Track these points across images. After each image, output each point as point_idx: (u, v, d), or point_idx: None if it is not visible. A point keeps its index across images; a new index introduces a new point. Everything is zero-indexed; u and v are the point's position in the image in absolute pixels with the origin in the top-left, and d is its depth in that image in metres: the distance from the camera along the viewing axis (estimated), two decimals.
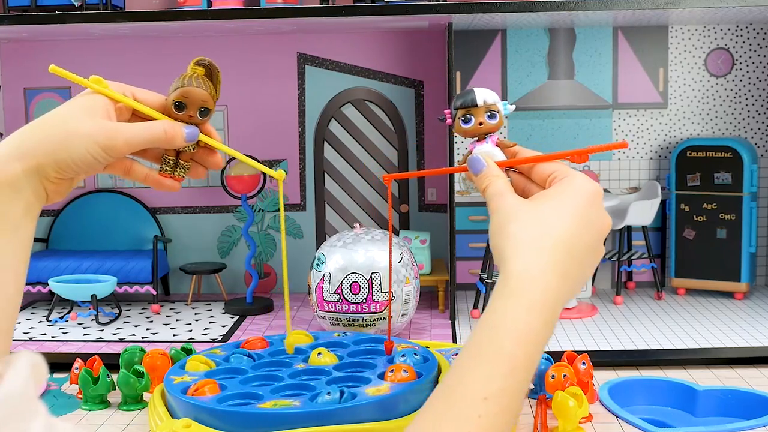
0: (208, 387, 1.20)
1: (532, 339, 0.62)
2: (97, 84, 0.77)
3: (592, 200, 0.67)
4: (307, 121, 2.18)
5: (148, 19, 1.77)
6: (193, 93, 0.80)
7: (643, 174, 2.16)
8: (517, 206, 0.67)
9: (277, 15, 1.75)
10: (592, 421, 1.32)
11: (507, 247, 0.64)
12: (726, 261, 2.03)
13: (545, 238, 0.64)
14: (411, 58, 2.15)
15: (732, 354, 1.61)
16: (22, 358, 0.42)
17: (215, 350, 1.41)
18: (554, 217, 0.66)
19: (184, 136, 0.79)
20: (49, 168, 0.71)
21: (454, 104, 0.79)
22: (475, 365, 0.60)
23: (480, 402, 0.58)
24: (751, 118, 2.13)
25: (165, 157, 0.81)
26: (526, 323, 0.61)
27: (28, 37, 2.05)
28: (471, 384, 0.59)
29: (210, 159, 0.84)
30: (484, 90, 0.79)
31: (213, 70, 0.83)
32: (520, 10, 1.70)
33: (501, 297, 0.63)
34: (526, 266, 0.63)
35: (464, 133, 0.79)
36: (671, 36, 2.11)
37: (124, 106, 0.78)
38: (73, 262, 2.04)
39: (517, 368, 0.60)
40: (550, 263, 0.64)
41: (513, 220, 0.66)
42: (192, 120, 0.80)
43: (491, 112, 0.79)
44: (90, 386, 1.42)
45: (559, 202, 0.67)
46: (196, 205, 2.21)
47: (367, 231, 1.76)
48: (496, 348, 0.60)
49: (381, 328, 1.70)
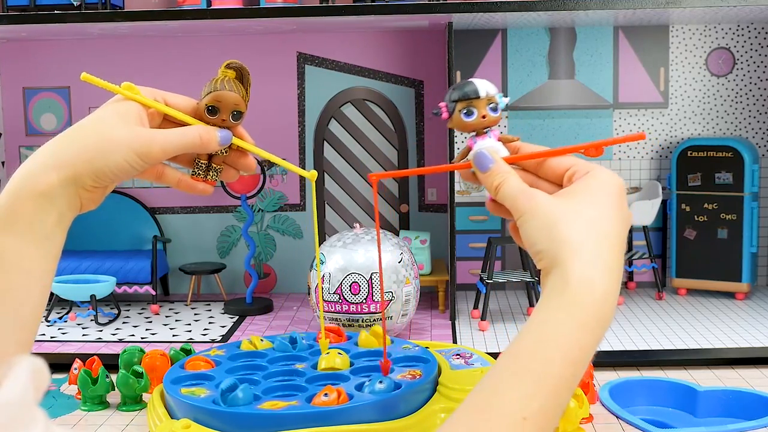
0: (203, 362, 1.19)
1: (582, 357, 0.58)
2: (129, 90, 0.77)
3: (623, 194, 0.64)
4: (307, 120, 2.17)
5: (147, 19, 1.76)
6: (225, 97, 0.79)
7: (644, 174, 2.15)
8: (558, 205, 0.63)
9: (276, 14, 1.75)
10: (593, 422, 1.31)
11: (562, 251, 0.59)
12: (727, 261, 2.02)
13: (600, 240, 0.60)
14: (411, 58, 2.15)
15: (733, 354, 1.61)
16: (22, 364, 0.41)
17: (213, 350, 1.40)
18: (599, 215, 0.62)
19: (218, 140, 0.78)
20: (85, 177, 0.71)
21: (452, 96, 0.74)
22: (517, 382, 0.56)
23: (519, 423, 0.54)
24: (752, 118, 2.12)
25: (197, 161, 0.81)
26: (578, 340, 0.57)
27: (27, 36, 2.05)
28: (509, 401, 0.55)
29: (242, 161, 0.83)
30: (483, 81, 0.74)
31: (243, 72, 0.82)
32: (521, 9, 1.70)
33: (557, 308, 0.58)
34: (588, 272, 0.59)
35: (465, 128, 0.74)
36: (672, 35, 2.11)
37: (155, 111, 0.78)
38: (72, 262, 2.03)
39: (561, 389, 0.56)
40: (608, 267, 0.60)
41: (561, 221, 0.61)
42: (225, 124, 0.80)
43: (493, 104, 0.74)
44: (89, 387, 1.41)
45: (599, 199, 0.63)
46: (196, 205, 2.20)
47: (367, 231, 1.76)
48: (541, 366, 0.56)
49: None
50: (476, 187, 0.71)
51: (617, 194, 0.63)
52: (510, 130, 2.13)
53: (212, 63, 2.18)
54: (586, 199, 0.63)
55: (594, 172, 0.65)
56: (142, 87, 0.78)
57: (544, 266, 0.61)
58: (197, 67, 2.15)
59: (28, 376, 0.40)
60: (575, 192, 0.64)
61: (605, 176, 0.64)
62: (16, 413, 0.39)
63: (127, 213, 2.18)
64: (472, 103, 0.73)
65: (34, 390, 0.41)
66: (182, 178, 0.81)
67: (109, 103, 0.76)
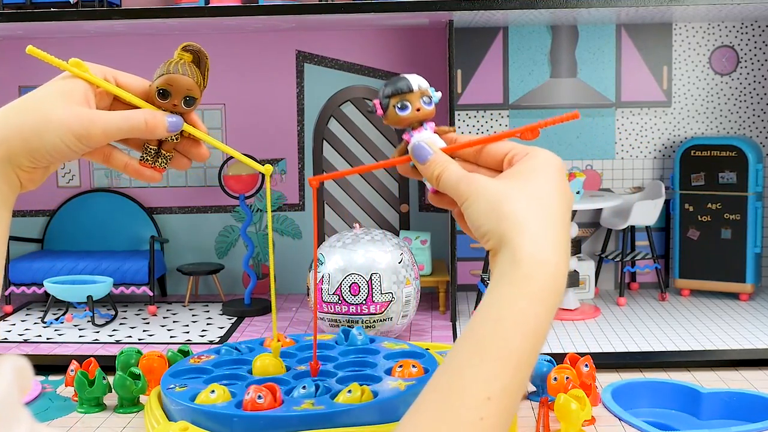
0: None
1: (540, 330, 0.58)
2: (76, 67, 0.73)
3: (563, 172, 0.64)
4: (306, 119, 2.16)
5: (144, 17, 1.75)
6: (178, 80, 0.75)
7: (647, 173, 2.14)
8: (500, 185, 0.63)
9: (275, 12, 1.74)
10: (595, 424, 1.30)
11: (509, 229, 0.59)
12: (731, 262, 2.01)
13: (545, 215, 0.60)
14: (411, 56, 2.13)
15: (737, 356, 1.60)
16: (5, 363, 0.41)
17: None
18: (542, 193, 0.62)
19: (166, 126, 0.75)
20: (21, 156, 0.68)
21: (385, 92, 0.75)
22: (478, 362, 0.56)
23: (483, 403, 0.54)
24: (756, 117, 2.11)
25: (146, 146, 0.77)
26: (535, 314, 0.57)
27: (23, 34, 2.04)
28: (472, 383, 0.55)
29: (194, 150, 0.80)
30: (415, 76, 0.75)
31: (201, 56, 0.78)
32: (522, 7, 1.69)
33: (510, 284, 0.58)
34: (537, 247, 0.59)
35: (401, 122, 0.75)
36: (675, 33, 2.09)
37: (105, 91, 0.75)
38: (69, 262, 2.02)
39: (522, 364, 0.56)
40: (555, 241, 0.60)
41: (505, 200, 0.61)
42: (176, 109, 0.76)
43: (426, 98, 0.75)
44: (86, 389, 1.40)
45: (540, 176, 0.63)
46: (194, 205, 2.19)
47: (366, 231, 1.75)
48: (501, 343, 0.56)
49: (380, 330, 1.68)
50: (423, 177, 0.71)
51: (557, 172, 0.64)
52: (511, 128, 2.11)
53: (211, 61, 2.17)
54: (528, 178, 0.63)
55: (533, 153, 0.65)
56: (92, 64, 0.75)
57: (491, 246, 0.61)
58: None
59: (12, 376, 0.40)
60: (516, 172, 0.64)
61: (545, 156, 0.64)
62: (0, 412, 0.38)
63: (125, 213, 2.17)
64: (405, 98, 0.74)
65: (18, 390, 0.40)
66: (129, 163, 0.77)
67: (56, 79, 0.74)
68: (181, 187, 2.19)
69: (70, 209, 2.18)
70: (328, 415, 1.10)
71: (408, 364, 1.23)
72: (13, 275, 2.02)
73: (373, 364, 1.30)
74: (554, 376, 1.34)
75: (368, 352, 1.36)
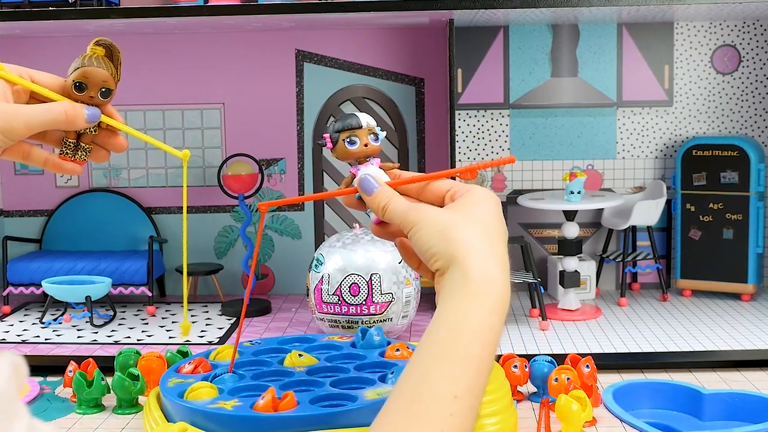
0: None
1: (495, 340, 0.63)
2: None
3: (498, 207, 0.70)
4: (306, 119, 2.15)
5: (144, 16, 1.75)
6: (93, 73, 0.79)
7: (648, 173, 2.13)
8: (448, 213, 0.69)
9: (274, 11, 1.74)
10: (596, 425, 1.30)
11: (458, 251, 0.65)
12: (733, 262, 2.00)
13: (490, 241, 0.67)
14: (411, 55, 2.13)
15: (739, 357, 1.59)
16: (2, 359, 0.41)
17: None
18: (486, 219, 0.68)
19: (85, 117, 0.78)
20: None
21: (335, 127, 0.81)
22: (442, 366, 0.60)
23: (450, 400, 0.59)
24: (758, 116, 2.10)
25: (65, 140, 0.80)
26: (490, 324, 0.63)
27: (21, 33, 2.03)
28: (439, 383, 0.59)
29: (112, 141, 0.83)
30: (363, 114, 0.82)
31: (114, 50, 0.82)
32: (523, 6, 1.68)
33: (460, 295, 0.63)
34: (486, 267, 0.64)
35: (349, 156, 0.81)
36: (677, 33, 2.09)
37: (21, 88, 0.77)
38: (67, 263, 2.01)
39: (482, 367, 0.61)
40: (501, 261, 0.66)
41: (453, 225, 0.67)
42: (93, 101, 0.79)
43: (374, 134, 0.81)
44: (84, 390, 1.40)
45: (482, 206, 0.69)
46: (193, 204, 2.18)
47: (366, 231, 1.74)
48: (462, 349, 0.61)
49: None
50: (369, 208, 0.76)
51: (495, 205, 0.70)
52: (512, 129, 2.11)
53: (210, 61, 2.17)
54: (471, 208, 0.69)
55: (473, 190, 0.71)
56: (7, 64, 0.77)
57: (439, 266, 0.66)
58: (194, 65, 2.13)
59: (10, 371, 0.40)
60: (460, 204, 0.70)
61: (483, 192, 0.71)
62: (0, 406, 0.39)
63: (123, 213, 2.16)
64: (354, 133, 0.80)
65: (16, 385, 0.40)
66: (49, 158, 0.80)
67: None
68: (180, 187, 2.18)
69: (68, 209, 2.17)
70: (328, 416, 1.10)
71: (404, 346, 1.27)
72: (11, 275, 2.02)
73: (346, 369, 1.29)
74: (555, 377, 1.34)
75: None
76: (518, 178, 2.14)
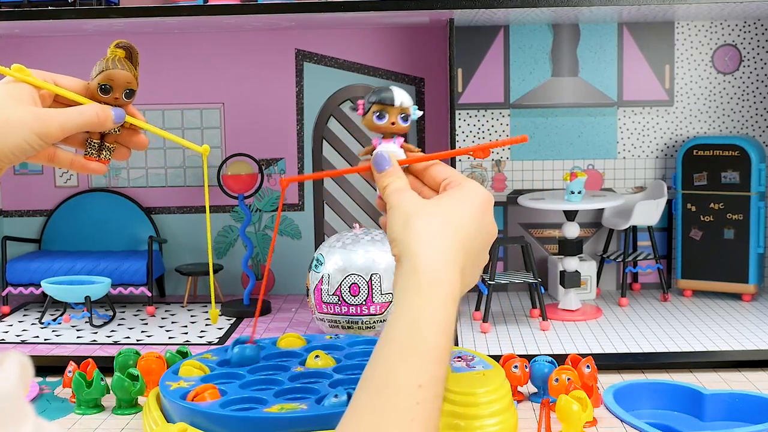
0: (208, 392, 1.18)
1: (450, 329, 0.65)
2: (19, 72, 0.78)
3: (486, 206, 0.71)
4: (306, 118, 2.15)
5: (143, 15, 1.74)
6: (117, 75, 0.82)
7: (649, 173, 2.13)
8: (419, 203, 0.71)
9: (274, 11, 1.74)
10: (597, 426, 1.30)
11: (413, 242, 0.67)
12: (733, 262, 1.99)
13: (448, 236, 0.68)
14: (412, 55, 2.12)
15: (740, 357, 1.59)
16: (11, 358, 0.41)
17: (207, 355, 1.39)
18: (454, 216, 0.69)
19: (113, 117, 0.80)
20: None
21: (370, 98, 0.81)
22: (404, 358, 0.62)
23: (416, 390, 0.60)
24: (759, 116, 2.10)
25: (90, 141, 0.83)
26: (444, 316, 0.65)
27: (20, 33, 2.03)
28: (403, 375, 0.61)
29: (134, 139, 0.85)
30: (401, 91, 0.81)
31: (133, 52, 0.85)
32: (523, 5, 1.68)
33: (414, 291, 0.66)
34: (434, 262, 0.66)
35: (374, 129, 0.81)
36: (677, 32, 2.08)
37: (45, 92, 0.79)
38: (67, 263, 2.01)
39: (442, 357, 0.63)
40: (453, 259, 0.67)
41: (416, 216, 0.69)
42: (118, 102, 0.82)
43: (405, 115, 0.81)
44: (83, 390, 1.40)
45: (458, 203, 0.70)
46: (192, 205, 2.18)
47: (366, 231, 1.74)
48: (421, 341, 0.63)
49: (380, 331, 1.67)
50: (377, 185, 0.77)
51: (481, 204, 0.71)
52: (512, 128, 2.11)
53: (210, 61, 2.17)
54: (447, 203, 0.70)
55: (465, 184, 0.73)
56: (32, 69, 0.79)
57: (396, 253, 0.69)
58: (194, 65, 2.13)
59: (18, 372, 0.40)
60: (442, 197, 0.72)
61: (474, 188, 0.72)
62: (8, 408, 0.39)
63: (123, 213, 2.16)
64: (385, 108, 0.80)
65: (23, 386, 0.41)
66: (75, 159, 0.82)
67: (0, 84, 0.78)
68: (180, 186, 2.18)
69: (67, 209, 2.17)
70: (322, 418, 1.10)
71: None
72: (10, 276, 2.01)
73: None
74: (555, 377, 1.34)
75: None
76: (518, 178, 2.13)
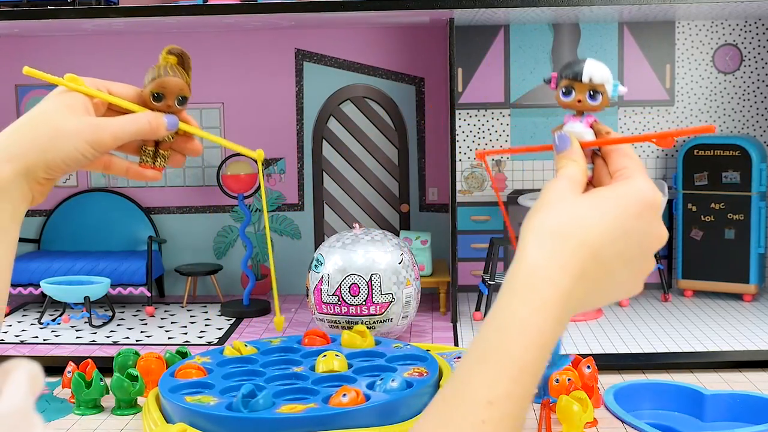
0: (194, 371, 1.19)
1: (541, 341, 0.58)
2: (72, 82, 0.78)
3: (642, 210, 0.62)
4: (306, 118, 2.15)
5: (143, 15, 1.75)
6: (170, 83, 0.81)
7: (650, 173, 2.11)
8: (559, 194, 0.63)
9: (274, 10, 1.74)
10: (597, 426, 1.30)
11: (527, 234, 0.61)
12: (734, 262, 1.99)
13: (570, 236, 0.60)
14: (412, 55, 2.12)
15: (740, 357, 1.59)
16: (20, 369, 0.41)
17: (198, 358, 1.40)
18: (590, 216, 0.61)
19: (166, 125, 0.80)
20: (38, 169, 0.72)
21: (561, 71, 0.73)
22: (480, 368, 0.57)
23: (484, 406, 0.55)
24: (760, 116, 2.09)
25: (144, 149, 0.82)
26: (535, 324, 0.58)
27: (19, 32, 2.03)
28: (475, 387, 0.56)
29: (188, 146, 0.84)
30: (596, 65, 0.72)
31: (185, 58, 0.85)
32: (524, 5, 1.68)
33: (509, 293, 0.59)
34: (537, 260, 0.59)
35: (562, 105, 0.74)
36: (678, 32, 2.08)
37: (100, 101, 0.79)
38: (66, 263, 2.01)
39: (525, 372, 0.57)
40: (565, 263, 0.59)
41: (545, 208, 0.62)
42: (171, 109, 0.81)
43: (594, 92, 0.72)
44: (83, 390, 1.40)
45: (605, 202, 0.62)
46: (192, 204, 2.18)
47: (366, 231, 1.74)
48: (502, 350, 0.57)
49: (380, 331, 1.66)
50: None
51: (637, 208, 0.62)
52: (513, 128, 2.10)
53: (210, 60, 2.17)
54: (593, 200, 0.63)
55: (631, 180, 0.65)
56: (85, 78, 0.79)
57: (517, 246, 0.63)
58: (193, 64, 2.12)
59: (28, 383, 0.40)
60: (598, 192, 0.64)
61: (637, 187, 0.64)
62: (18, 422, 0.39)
63: (122, 213, 2.16)
64: (573, 84, 0.72)
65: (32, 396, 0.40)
66: (131, 167, 0.82)
67: (53, 94, 0.77)
68: (179, 186, 2.17)
69: (67, 209, 2.16)
70: (326, 418, 1.10)
71: None
72: None
73: None
74: (556, 378, 1.34)
75: None
76: (518, 178, 2.13)
